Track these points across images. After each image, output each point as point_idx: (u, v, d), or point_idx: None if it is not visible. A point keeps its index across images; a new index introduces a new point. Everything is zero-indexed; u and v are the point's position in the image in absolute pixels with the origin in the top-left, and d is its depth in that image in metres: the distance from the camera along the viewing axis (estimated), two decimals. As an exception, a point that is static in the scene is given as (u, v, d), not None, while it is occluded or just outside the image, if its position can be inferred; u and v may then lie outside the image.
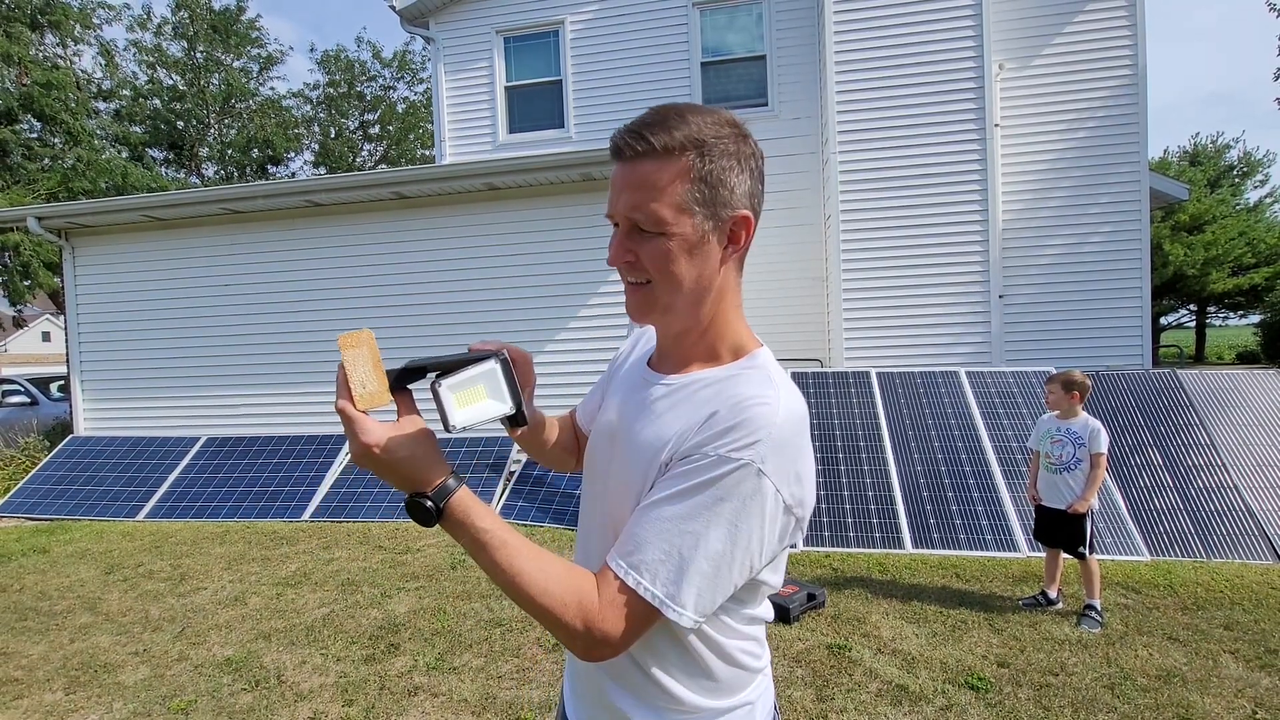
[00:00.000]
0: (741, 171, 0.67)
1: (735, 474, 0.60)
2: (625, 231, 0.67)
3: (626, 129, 0.65)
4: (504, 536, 0.62)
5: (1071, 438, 2.93)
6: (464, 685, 2.43)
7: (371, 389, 0.62)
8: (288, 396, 5.89)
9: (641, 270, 0.67)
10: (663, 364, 0.76)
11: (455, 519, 0.62)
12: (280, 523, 4.72)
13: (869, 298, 5.77)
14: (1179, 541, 3.59)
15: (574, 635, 0.61)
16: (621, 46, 6.99)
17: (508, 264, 5.59)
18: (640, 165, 0.64)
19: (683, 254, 0.66)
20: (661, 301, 0.68)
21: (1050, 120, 5.78)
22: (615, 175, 0.67)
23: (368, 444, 0.62)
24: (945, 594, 3.15)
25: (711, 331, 0.71)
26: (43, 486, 5.41)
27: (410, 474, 0.63)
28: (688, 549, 0.60)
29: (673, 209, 0.64)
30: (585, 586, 0.62)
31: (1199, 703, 2.23)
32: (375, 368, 0.63)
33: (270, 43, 21.16)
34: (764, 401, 0.63)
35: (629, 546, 0.63)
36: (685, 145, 0.63)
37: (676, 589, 0.61)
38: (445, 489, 0.63)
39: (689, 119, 0.64)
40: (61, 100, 14.77)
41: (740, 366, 0.71)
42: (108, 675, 2.59)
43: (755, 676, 0.74)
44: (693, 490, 0.61)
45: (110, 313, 6.17)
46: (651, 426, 0.69)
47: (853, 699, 2.28)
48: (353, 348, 0.62)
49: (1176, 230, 15.44)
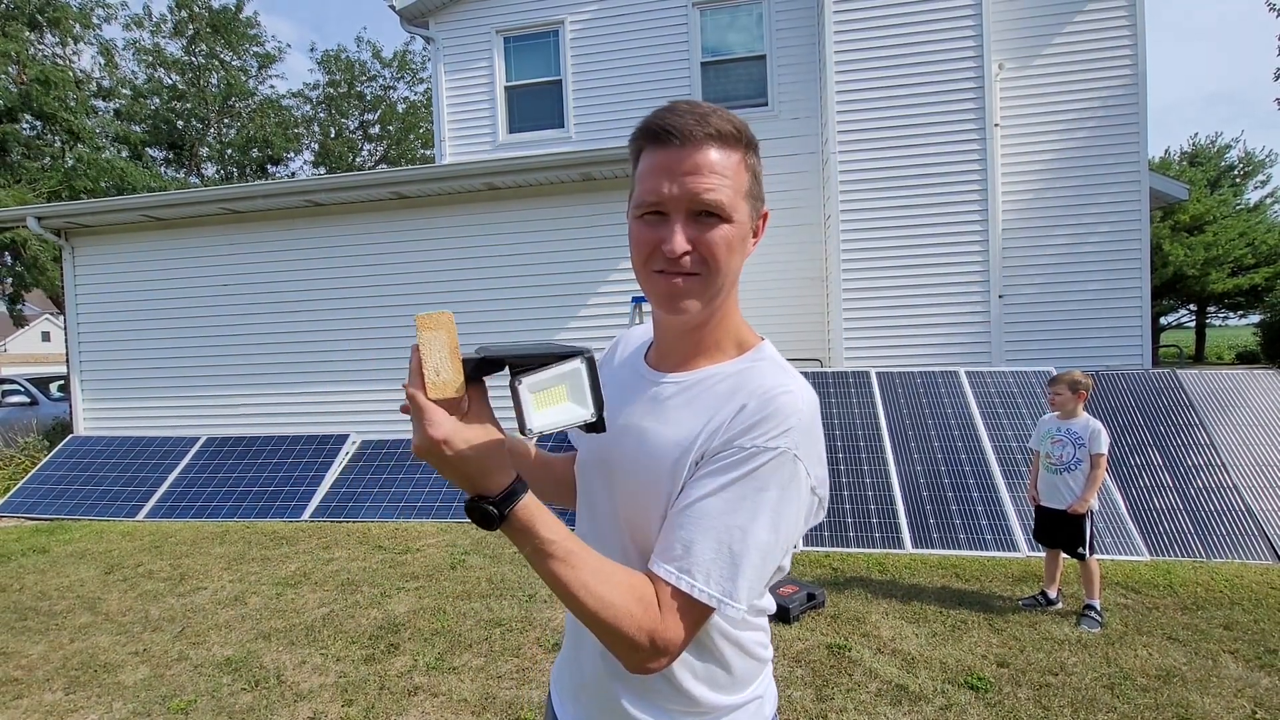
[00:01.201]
0: (763, 169, 0.70)
1: (773, 462, 0.62)
2: (685, 218, 0.64)
3: (680, 114, 0.63)
4: (569, 546, 0.59)
5: (1072, 438, 2.93)
6: (464, 685, 2.43)
7: (445, 377, 0.57)
8: (288, 396, 5.89)
9: (697, 260, 0.64)
10: (664, 362, 0.75)
11: (518, 526, 0.59)
12: (280, 522, 4.72)
13: (869, 298, 5.76)
14: (1179, 541, 3.59)
15: (636, 648, 0.60)
16: (621, 46, 6.98)
17: (507, 264, 5.59)
18: (708, 150, 0.62)
19: (738, 243, 0.66)
20: (710, 291, 0.66)
21: (1050, 120, 5.78)
22: (670, 160, 0.63)
23: (436, 438, 0.56)
24: (945, 594, 3.15)
25: (720, 325, 0.72)
26: (42, 486, 5.41)
27: (475, 476, 0.58)
28: (737, 544, 0.61)
29: (738, 197, 0.64)
30: (647, 597, 0.61)
31: (1199, 703, 2.23)
32: (452, 355, 0.57)
33: (268, 41, 21.17)
34: (787, 390, 0.65)
35: (676, 551, 0.62)
36: (741, 138, 0.65)
37: (732, 585, 0.61)
38: (511, 495, 0.59)
39: (728, 115, 0.65)
40: (61, 99, 14.75)
41: (751, 359, 0.71)
42: (107, 675, 2.59)
43: (764, 668, 0.75)
44: (734, 484, 0.62)
45: (110, 312, 6.17)
46: (669, 425, 0.68)
47: (852, 699, 2.28)
48: (430, 329, 0.57)
49: (1176, 230, 15.43)
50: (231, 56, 20.27)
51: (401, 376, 5.74)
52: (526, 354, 0.58)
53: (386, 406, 5.73)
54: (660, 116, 0.64)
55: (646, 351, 0.79)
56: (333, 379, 5.83)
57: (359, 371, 5.80)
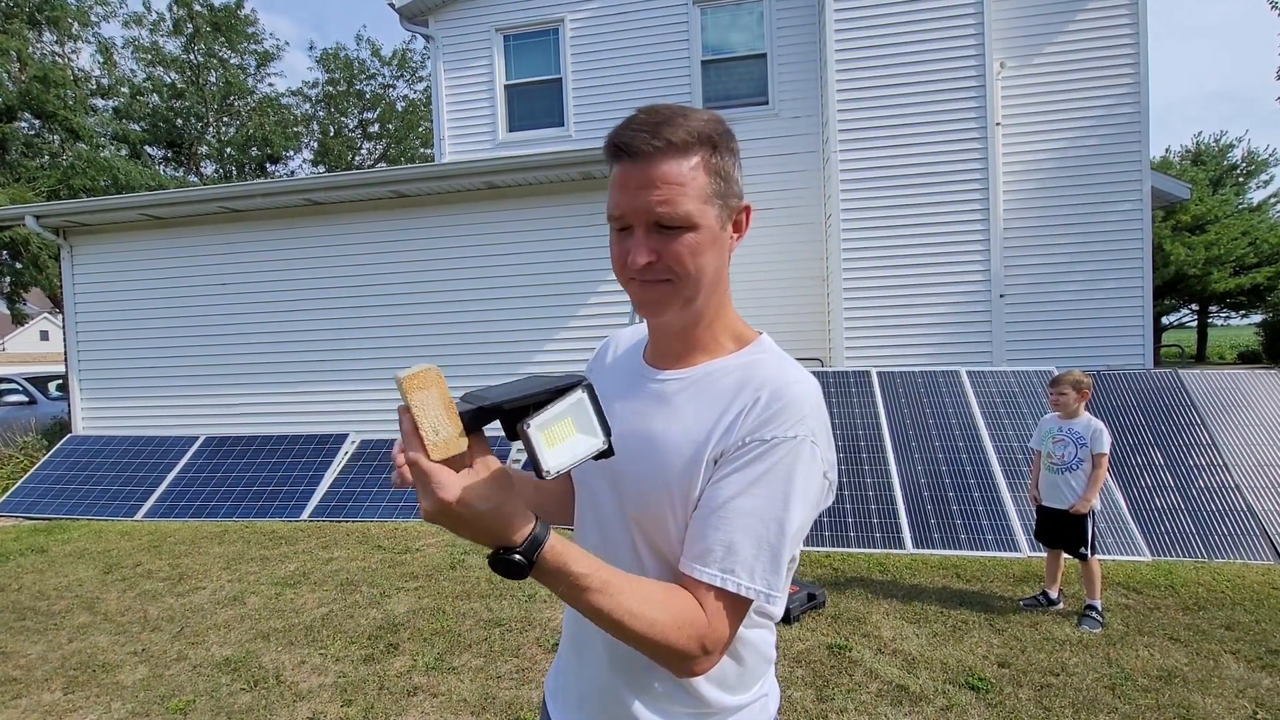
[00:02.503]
0: (737, 165, 0.69)
1: (795, 451, 0.64)
2: (646, 230, 0.65)
3: (634, 128, 0.64)
4: (604, 576, 0.58)
5: (1073, 438, 2.92)
6: (463, 685, 2.43)
7: (445, 435, 0.53)
8: (286, 395, 5.88)
9: (661, 269, 0.66)
10: (663, 360, 0.75)
11: (550, 569, 0.57)
12: (279, 522, 4.72)
13: (869, 297, 5.75)
14: (1180, 542, 3.58)
15: (688, 657, 0.61)
16: (621, 45, 6.97)
17: (507, 262, 5.58)
18: (660, 162, 0.63)
19: (708, 246, 0.67)
20: (684, 296, 0.68)
21: (1051, 119, 5.76)
22: (626, 175, 0.64)
23: (447, 501, 0.53)
24: (946, 594, 3.14)
25: (716, 322, 0.73)
26: (41, 486, 5.41)
27: (495, 528, 0.55)
28: (774, 537, 0.63)
29: (699, 202, 0.65)
30: (689, 606, 0.61)
31: (1200, 703, 2.22)
32: (448, 410, 0.53)
33: (267, 39, 21.14)
34: (796, 381, 0.67)
35: (717, 553, 0.62)
36: (700, 140, 0.65)
37: (775, 577, 0.63)
38: (536, 540, 0.56)
39: (691, 116, 0.65)
40: (60, 97, 14.73)
41: (753, 352, 0.73)
42: (106, 675, 2.58)
43: (770, 668, 0.77)
44: (762, 479, 0.63)
45: (109, 311, 6.16)
46: (678, 421, 0.69)
47: (853, 699, 2.28)
48: (420, 389, 0.52)
49: (1178, 230, 15.41)
50: (230, 55, 20.24)
51: (401, 376, 5.73)
52: (525, 395, 0.56)
53: (386, 406, 5.72)
54: (617, 132, 0.65)
55: (644, 350, 0.79)
56: (332, 378, 5.82)
57: (358, 371, 5.80)
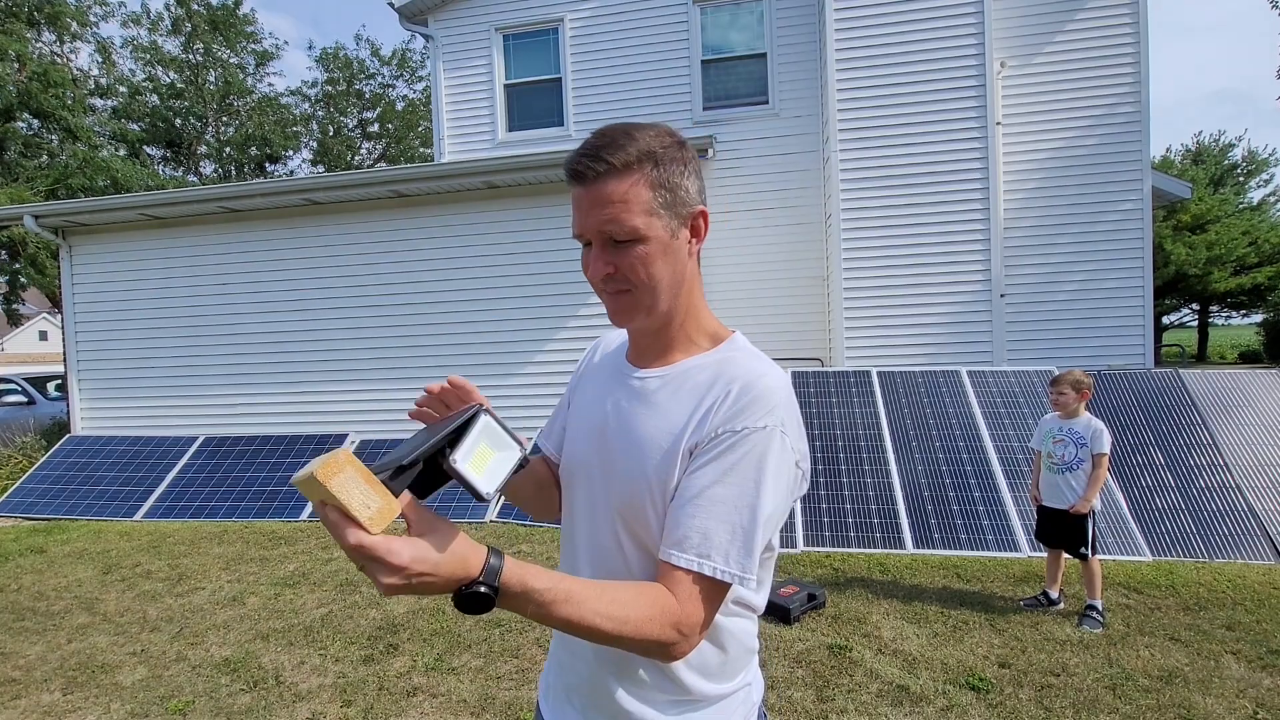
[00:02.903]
0: (690, 173, 0.74)
1: (765, 440, 0.68)
2: (601, 245, 0.71)
3: (582, 154, 0.70)
4: (567, 587, 0.60)
5: (1074, 438, 2.92)
6: (463, 686, 2.42)
7: (377, 505, 0.54)
8: (286, 395, 5.88)
9: (621, 279, 0.72)
10: (642, 359, 0.80)
11: (514, 591, 0.59)
12: (279, 522, 4.71)
13: (870, 297, 5.75)
14: (1181, 541, 3.58)
15: (667, 644, 0.64)
16: (621, 44, 6.96)
17: (507, 262, 5.58)
18: (604, 184, 0.69)
19: (659, 255, 0.71)
20: (644, 304, 0.73)
21: (1052, 118, 5.75)
22: (579, 197, 0.71)
23: (402, 566, 0.53)
24: (946, 594, 3.14)
25: (689, 322, 0.77)
26: (40, 486, 5.40)
27: (454, 570, 0.57)
28: (747, 521, 0.67)
29: (644, 216, 0.70)
30: (658, 596, 0.65)
31: (1201, 703, 2.22)
32: (369, 483, 0.54)
33: (265, 38, 21.12)
34: (765, 374, 0.71)
35: (694, 540, 0.66)
36: (641, 158, 0.70)
37: (748, 559, 0.67)
38: (493, 568, 0.58)
39: (636, 136, 0.70)
40: (59, 97, 14.72)
41: (726, 350, 0.77)
42: (105, 675, 2.58)
43: (752, 658, 0.80)
44: (734, 467, 0.67)
45: (107, 311, 6.16)
46: (657, 417, 0.73)
47: (853, 699, 2.27)
48: (335, 475, 0.52)
49: (1179, 230, 15.40)
50: (229, 54, 20.21)
51: (400, 374, 5.74)
52: (434, 439, 0.59)
53: (385, 406, 5.72)
54: (570, 158, 0.71)
55: (626, 351, 0.83)
56: (331, 378, 5.82)
57: (358, 371, 5.79)
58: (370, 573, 0.55)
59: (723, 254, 6.56)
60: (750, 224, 6.55)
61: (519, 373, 5.58)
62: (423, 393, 0.76)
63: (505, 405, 5.51)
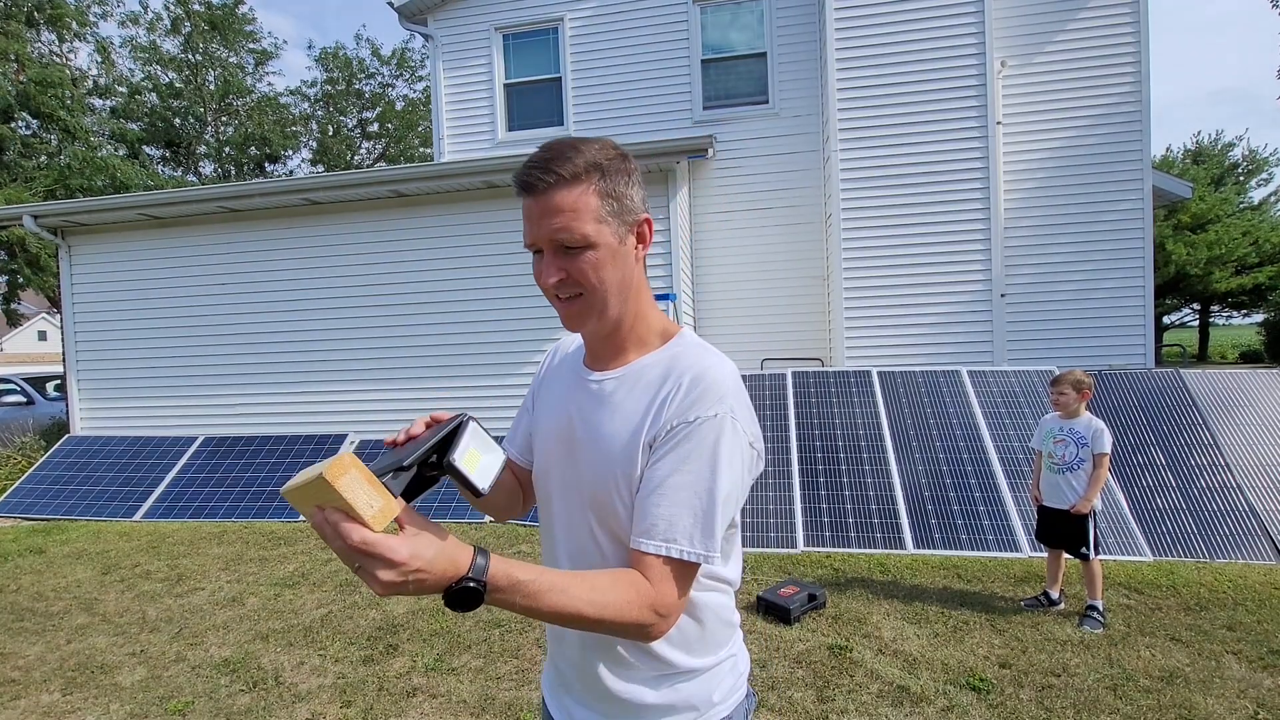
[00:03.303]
0: (633, 184, 0.78)
1: (716, 427, 0.72)
2: (552, 253, 0.75)
3: (532, 166, 0.73)
4: (550, 578, 0.64)
5: (1074, 438, 2.91)
6: (463, 686, 2.42)
7: (380, 504, 0.56)
8: (285, 395, 5.87)
9: (572, 284, 0.76)
10: (598, 362, 0.84)
11: (501, 585, 0.62)
12: (278, 523, 4.71)
13: (870, 297, 5.74)
14: (1182, 542, 3.58)
15: (645, 626, 0.69)
16: (621, 44, 6.95)
17: (507, 262, 5.57)
18: (554, 194, 0.73)
19: (608, 261, 0.75)
20: (596, 307, 0.77)
21: (1052, 118, 5.75)
22: (530, 207, 0.75)
23: (401, 561, 0.56)
24: (947, 594, 3.14)
25: (640, 323, 0.82)
26: (39, 486, 5.40)
27: (445, 568, 0.60)
28: (707, 505, 0.71)
29: (594, 223, 0.74)
30: (634, 581, 0.69)
31: (1201, 704, 2.22)
32: (372, 483, 0.57)
33: (265, 37, 21.10)
34: (713, 366, 0.76)
35: (660, 526, 0.71)
36: (589, 169, 0.74)
37: (710, 539, 0.71)
38: (479, 565, 0.61)
39: (582, 149, 0.74)
40: (58, 97, 14.70)
41: (675, 345, 0.82)
42: (105, 676, 2.58)
43: (734, 632, 0.86)
44: (690, 455, 0.72)
45: (107, 311, 6.15)
46: (617, 415, 0.78)
47: (854, 700, 2.27)
48: (344, 475, 0.55)
49: (1179, 229, 15.39)
50: (228, 54, 20.20)
51: (400, 374, 5.73)
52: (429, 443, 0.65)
53: (385, 406, 5.72)
54: (519, 171, 0.75)
55: (583, 356, 0.87)
56: (331, 378, 5.81)
57: (358, 370, 5.79)
58: (367, 570, 0.57)
59: (723, 254, 6.56)
60: (750, 224, 6.54)
61: (518, 373, 5.58)
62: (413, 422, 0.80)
63: (504, 405, 5.51)
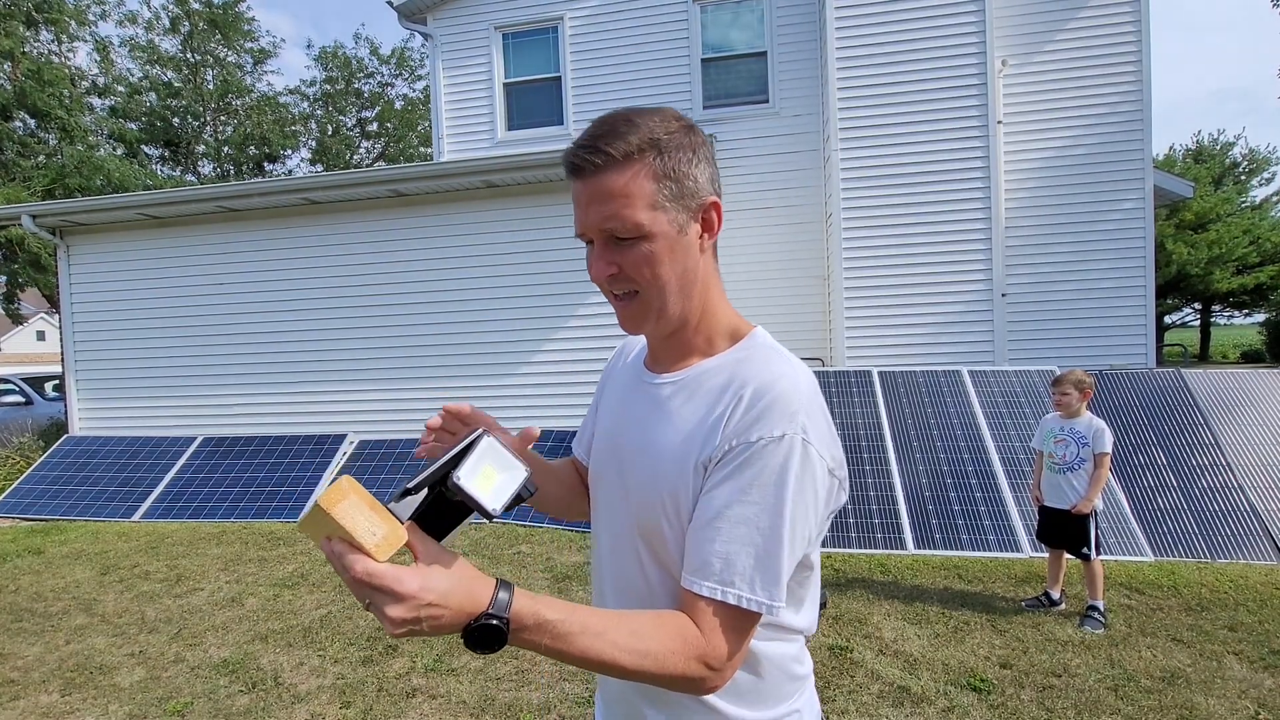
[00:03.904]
0: (699, 161, 0.67)
1: (785, 451, 0.61)
2: (603, 244, 0.66)
3: (580, 145, 0.64)
4: (582, 618, 0.56)
5: (1075, 437, 2.91)
6: (462, 687, 2.42)
7: (383, 531, 0.52)
8: (285, 395, 5.86)
9: (626, 280, 0.67)
10: (658, 364, 0.75)
11: (526, 624, 0.54)
12: (278, 523, 4.70)
13: (870, 296, 5.74)
14: (1183, 542, 3.57)
15: (694, 679, 0.59)
16: (621, 43, 6.94)
17: (506, 262, 5.56)
18: (604, 177, 0.63)
19: (666, 253, 0.66)
20: (654, 307, 0.68)
21: (1054, 117, 5.74)
22: (578, 192, 0.66)
23: (410, 594, 0.50)
24: (947, 595, 3.13)
25: (705, 322, 0.72)
26: (38, 487, 5.39)
27: (462, 601, 0.53)
28: (772, 545, 0.60)
29: (647, 210, 0.64)
30: (681, 626, 0.60)
31: (1203, 704, 2.21)
32: (374, 509, 0.53)
33: (263, 36, 21.08)
34: (782, 375, 0.64)
35: (715, 565, 0.61)
36: (643, 147, 0.64)
37: (775, 587, 0.61)
38: (502, 601, 0.53)
39: (638, 122, 0.64)
40: (57, 96, 14.68)
41: (743, 349, 0.71)
42: (104, 677, 2.57)
43: (799, 684, 0.72)
44: (752, 483, 0.61)
45: (105, 311, 6.14)
46: (669, 426, 0.68)
47: (854, 700, 2.27)
48: (340, 502, 0.51)
49: (1180, 228, 15.39)
50: (227, 53, 20.17)
51: (400, 374, 5.72)
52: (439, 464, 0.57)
53: (385, 406, 5.71)
54: (568, 150, 0.66)
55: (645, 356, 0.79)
56: (330, 378, 5.80)
57: (358, 371, 5.78)
58: (376, 606, 0.51)
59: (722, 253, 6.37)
60: (750, 223, 6.53)
61: (517, 373, 5.57)
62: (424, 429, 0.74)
63: (503, 406, 5.50)
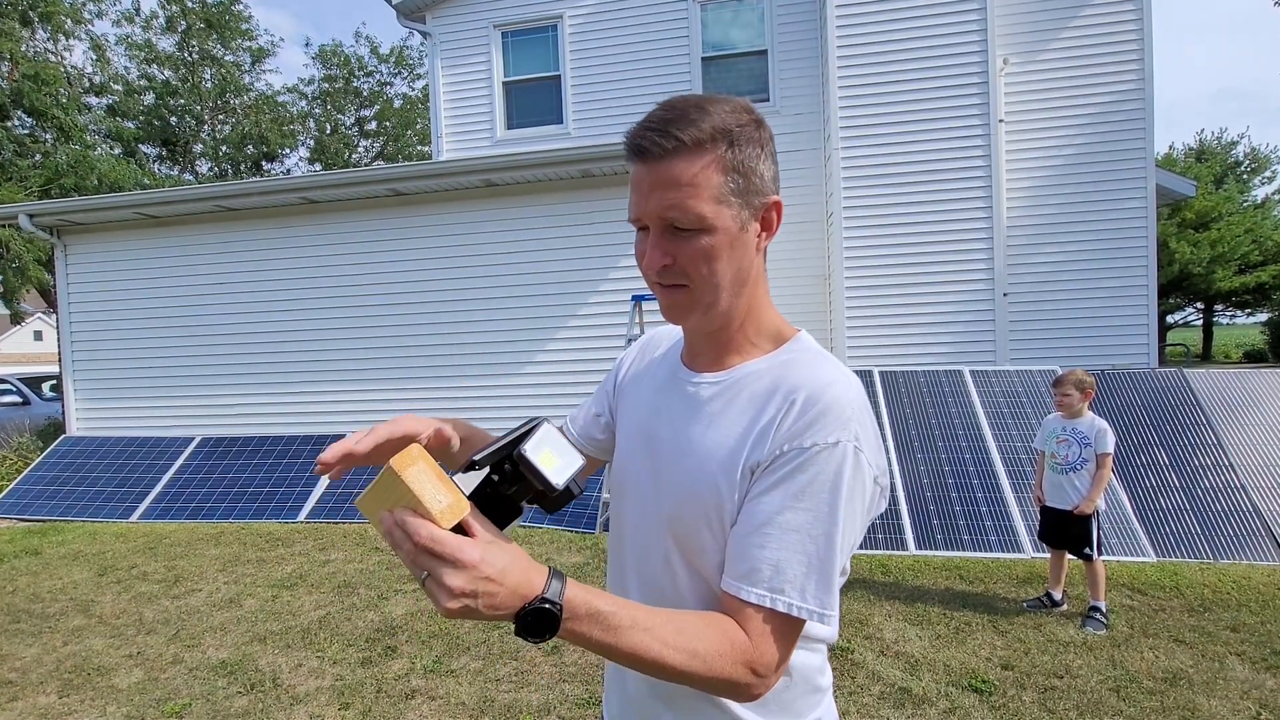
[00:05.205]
0: (766, 157, 0.65)
1: (839, 458, 0.60)
2: (660, 233, 0.63)
3: (648, 127, 0.62)
4: (631, 612, 0.55)
5: (1077, 438, 2.90)
6: (462, 688, 2.41)
7: (448, 500, 0.51)
8: (283, 396, 5.85)
9: (678, 272, 0.64)
10: (697, 361, 0.73)
11: (578, 613, 0.53)
12: (276, 524, 4.69)
13: (872, 296, 5.72)
14: (1185, 542, 3.56)
15: (741, 684, 0.58)
16: (621, 41, 6.92)
17: (506, 261, 5.54)
18: (671, 163, 0.61)
19: (725, 249, 0.63)
20: (703, 301, 0.65)
21: (1055, 116, 5.72)
22: (640, 176, 0.63)
23: (472, 564, 0.49)
24: (949, 596, 3.12)
25: (750, 322, 0.70)
26: (35, 487, 5.37)
27: (519, 583, 0.51)
28: (824, 552, 0.59)
29: (713, 203, 0.62)
30: (729, 630, 0.59)
31: (1205, 705, 2.20)
32: (440, 479, 0.52)
33: (261, 34, 21.03)
34: (834, 381, 0.63)
35: (765, 571, 0.59)
36: (715, 137, 0.61)
37: (827, 595, 0.60)
38: (555, 587, 0.52)
39: (710, 110, 0.62)
40: (53, 95, 14.64)
41: (789, 352, 0.69)
42: (101, 678, 2.56)
43: (820, 696, 0.71)
44: (805, 489, 0.60)
45: (103, 311, 6.12)
46: (713, 429, 0.66)
47: (855, 702, 2.25)
48: (411, 466, 0.51)
49: (1182, 228, 15.39)
50: (225, 51, 20.12)
51: (398, 374, 5.71)
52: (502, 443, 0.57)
53: (385, 407, 5.69)
54: (634, 130, 0.63)
55: (681, 351, 0.76)
56: (329, 378, 5.79)
57: (357, 371, 5.76)
58: (435, 577, 0.49)
59: None
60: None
61: (516, 374, 5.55)
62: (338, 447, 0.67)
63: (502, 405, 5.49)
